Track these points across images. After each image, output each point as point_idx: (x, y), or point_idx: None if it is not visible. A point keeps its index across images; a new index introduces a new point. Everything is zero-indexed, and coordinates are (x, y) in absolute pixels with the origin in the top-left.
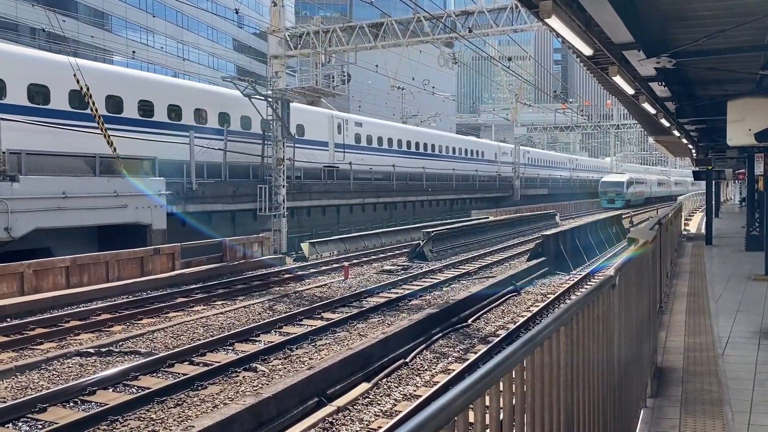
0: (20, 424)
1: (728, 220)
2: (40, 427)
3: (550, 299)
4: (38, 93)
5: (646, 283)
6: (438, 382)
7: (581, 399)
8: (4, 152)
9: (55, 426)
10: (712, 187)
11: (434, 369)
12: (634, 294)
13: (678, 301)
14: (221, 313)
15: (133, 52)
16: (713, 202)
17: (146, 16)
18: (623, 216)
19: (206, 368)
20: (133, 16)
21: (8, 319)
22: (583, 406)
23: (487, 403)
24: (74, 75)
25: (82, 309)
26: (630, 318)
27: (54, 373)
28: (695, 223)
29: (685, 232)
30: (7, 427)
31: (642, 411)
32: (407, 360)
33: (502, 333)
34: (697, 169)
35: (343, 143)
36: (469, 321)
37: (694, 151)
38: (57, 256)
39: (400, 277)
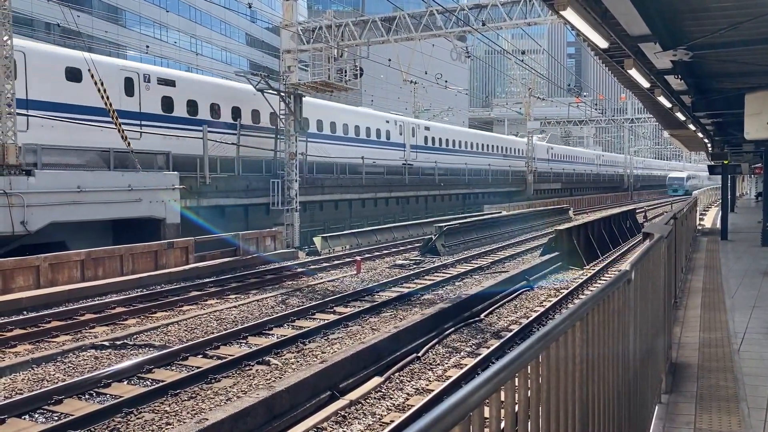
0: (37, 415)
1: (744, 214)
2: (56, 418)
3: (563, 294)
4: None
5: (661, 278)
6: (450, 377)
7: (596, 394)
8: (20, 147)
9: (71, 418)
10: (727, 182)
11: (447, 363)
12: (649, 289)
13: (693, 296)
14: (234, 306)
15: (147, 46)
16: (729, 197)
17: (159, 11)
18: (637, 211)
19: (220, 361)
20: (146, 11)
21: (24, 312)
22: (598, 402)
23: (502, 399)
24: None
25: (97, 302)
26: (645, 313)
27: (69, 365)
28: (710, 218)
29: (700, 227)
30: (24, 418)
31: (657, 407)
32: (419, 354)
33: (515, 328)
34: (712, 163)
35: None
36: (482, 316)
37: (709, 145)
38: (72, 249)
39: (412, 272)
